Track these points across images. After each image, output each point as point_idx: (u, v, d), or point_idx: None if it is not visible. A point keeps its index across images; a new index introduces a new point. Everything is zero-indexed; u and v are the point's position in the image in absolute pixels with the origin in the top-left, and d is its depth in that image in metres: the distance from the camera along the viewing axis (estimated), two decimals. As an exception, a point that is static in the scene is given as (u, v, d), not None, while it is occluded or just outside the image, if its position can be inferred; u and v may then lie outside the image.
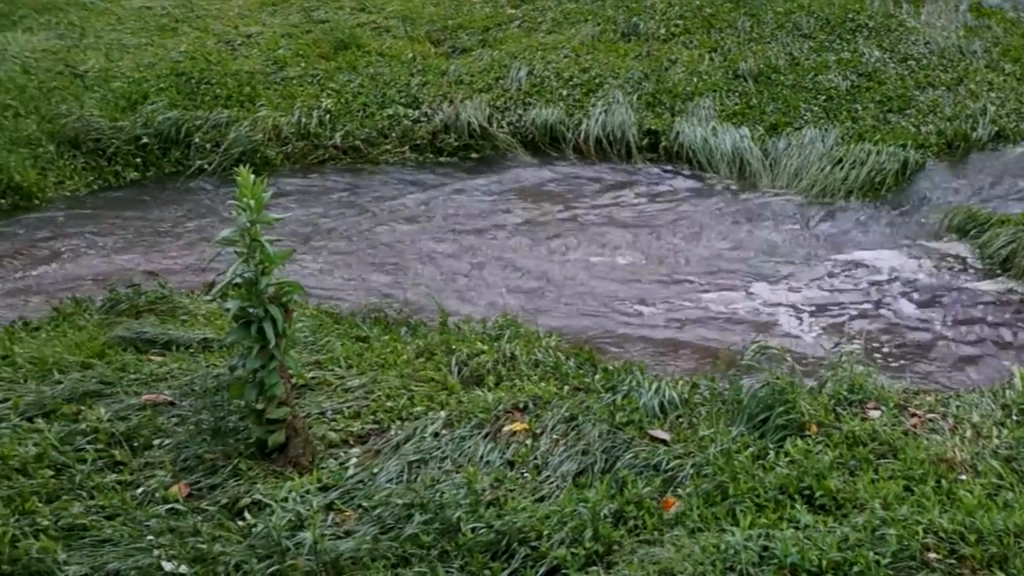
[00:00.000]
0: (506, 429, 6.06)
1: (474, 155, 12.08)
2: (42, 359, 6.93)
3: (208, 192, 11.27)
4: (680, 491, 5.48)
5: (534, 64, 13.16)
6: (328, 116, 12.28)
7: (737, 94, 12.46)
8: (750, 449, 5.76)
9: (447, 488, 5.44)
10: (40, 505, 5.42)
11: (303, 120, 12.14)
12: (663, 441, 5.93)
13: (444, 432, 6.05)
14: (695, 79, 12.70)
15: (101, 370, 6.79)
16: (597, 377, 6.71)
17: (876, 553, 4.81)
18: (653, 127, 12.01)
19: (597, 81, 12.73)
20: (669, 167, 11.70)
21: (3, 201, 10.79)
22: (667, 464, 5.70)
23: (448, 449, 5.91)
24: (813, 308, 8.88)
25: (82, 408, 6.30)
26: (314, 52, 13.78)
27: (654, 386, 6.41)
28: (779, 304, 8.95)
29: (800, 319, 8.70)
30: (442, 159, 12.04)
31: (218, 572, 4.97)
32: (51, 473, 5.69)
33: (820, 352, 8.00)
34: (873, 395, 6.38)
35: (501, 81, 12.90)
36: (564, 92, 12.62)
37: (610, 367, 6.93)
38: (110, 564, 5.01)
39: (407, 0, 15.54)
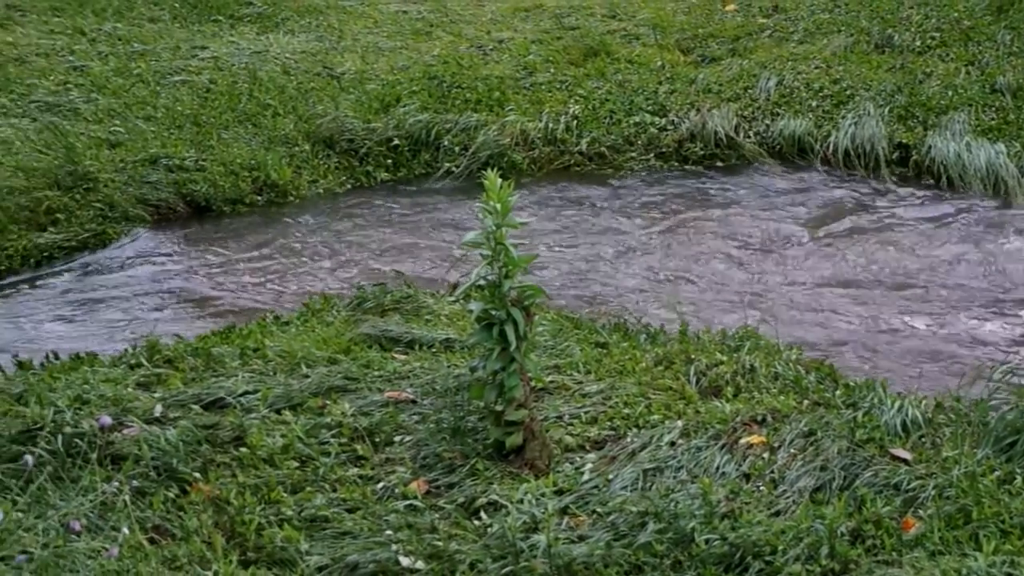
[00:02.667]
0: (743, 441, 6.01)
1: (719, 164, 12.01)
2: (291, 353, 7.12)
3: (454, 194, 11.43)
4: (920, 512, 5.37)
5: (784, 74, 13.01)
6: (575, 122, 12.34)
7: (994, 109, 12.12)
8: (996, 473, 5.61)
9: (682, 498, 5.42)
10: (285, 495, 5.58)
11: (550, 125, 12.23)
12: (904, 460, 5.81)
13: (680, 441, 6.03)
14: (950, 92, 12.39)
15: (347, 366, 6.94)
16: (838, 393, 6.59)
17: None
18: (904, 141, 11.75)
19: (848, 93, 12.51)
20: (919, 182, 11.45)
21: (259, 198, 11.13)
22: (908, 484, 5.58)
23: (684, 459, 5.88)
24: (1067, 331, 8.60)
25: (327, 402, 6.45)
26: (563, 58, 13.87)
27: (896, 404, 6.27)
28: (1030, 325, 8.70)
29: (1053, 342, 8.45)
30: (687, 167, 12.00)
31: (453, 570, 5.05)
32: (296, 464, 5.85)
33: (1073, 377, 7.73)
34: None
35: (749, 91, 12.79)
36: (813, 103, 12.45)
37: (851, 383, 6.80)
38: (349, 556, 5.13)
39: (658, 8, 15.52)
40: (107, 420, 4.99)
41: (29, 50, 13.95)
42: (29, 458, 4.49)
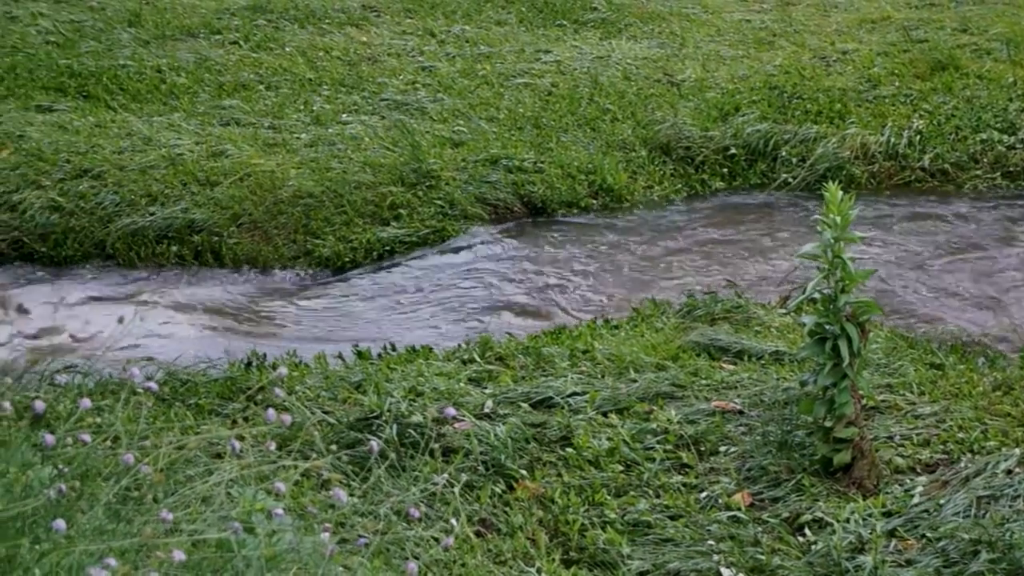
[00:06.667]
0: (1084, 474, 5.78)
1: (1070, 184, 11.54)
2: (619, 357, 7.18)
3: (789, 206, 11.30)
4: None
5: None
6: (918, 137, 12.03)
7: None
8: None
9: (1018, 528, 5.24)
10: (608, 498, 5.64)
11: (892, 140, 11.96)
12: None
13: (1018, 470, 5.83)
14: None
15: (674, 373, 6.96)
16: None
17: None
18: None
19: None
20: None
21: (594, 201, 11.21)
22: None
23: (1021, 488, 5.68)
24: None
25: (654, 408, 6.49)
26: (909, 71, 13.54)
27: None
28: None
29: None
30: (1035, 188, 11.58)
31: (774, 585, 5.02)
32: (621, 468, 5.91)
33: None
34: None
35: (1107, 109, 12.25)
36: None
37: None
38: (671, 563, 5.15)
39: (1013, 23, 14.98)
40: (451, 411, 5.14)
41: (381, 50, 14.44)
42: (375, 444, 4.64)
